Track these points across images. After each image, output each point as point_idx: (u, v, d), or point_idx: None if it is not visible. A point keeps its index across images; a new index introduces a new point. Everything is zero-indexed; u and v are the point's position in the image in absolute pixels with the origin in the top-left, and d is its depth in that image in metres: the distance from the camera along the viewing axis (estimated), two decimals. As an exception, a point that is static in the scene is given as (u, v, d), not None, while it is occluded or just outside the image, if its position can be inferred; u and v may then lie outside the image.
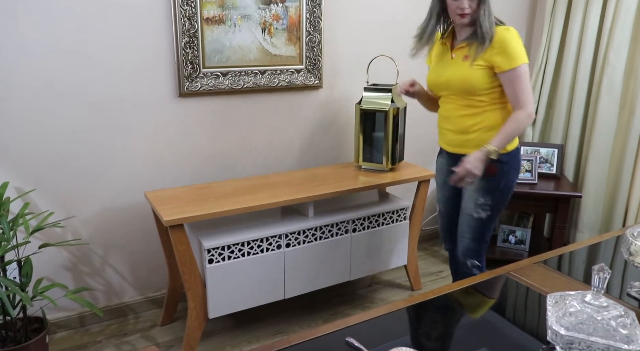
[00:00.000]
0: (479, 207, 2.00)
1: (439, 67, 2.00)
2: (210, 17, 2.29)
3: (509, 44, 1.82)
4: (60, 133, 2.13)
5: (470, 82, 1.88)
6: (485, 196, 1.97)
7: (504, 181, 1.96)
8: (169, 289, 2.39)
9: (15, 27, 1.96)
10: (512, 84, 1.85)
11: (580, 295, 1.01)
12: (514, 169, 2.00)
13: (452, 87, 1.95)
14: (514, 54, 1.82)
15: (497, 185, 1.96)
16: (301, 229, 2.27)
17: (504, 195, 2.00)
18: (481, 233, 2.05)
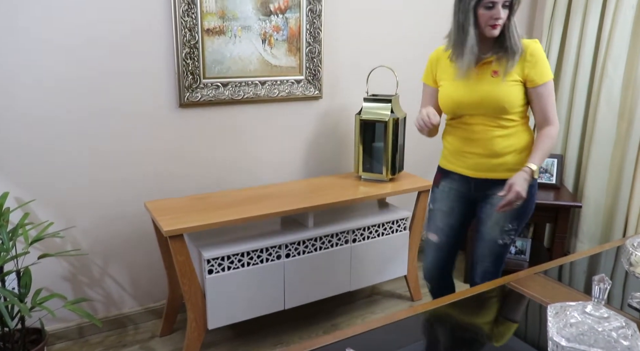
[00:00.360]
0: (505, 233, 1.87)
1: (463, 85, 1.80)
2: (211, 28, 2.30)
3: (540, 57, 1.73)
4: (61, 143, 2.14)
5: (506, 99, 1.74)
6: (513, 221, 1.85)
7: (530, 203, 1.86)
8: (169, 299, 2.38)
9: (16, 36, 1.97)
10: (542, 99, 1.75)
11: (581, 306, 1.01)
12: (536, 189, 1.90)
13: (485, 106, 1.77)
14: (545, 68, 1.74)
15: (525, 209, 1.84)
16: (301, 240, 2.27)
17: (528, 218, 1.90)
18: (502, 257, 1.93)
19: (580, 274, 1.65)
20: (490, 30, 1.70)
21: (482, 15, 1.69)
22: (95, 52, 2.12)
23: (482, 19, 1.69)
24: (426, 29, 2.85)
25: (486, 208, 1.89)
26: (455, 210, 1.96)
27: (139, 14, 2.16)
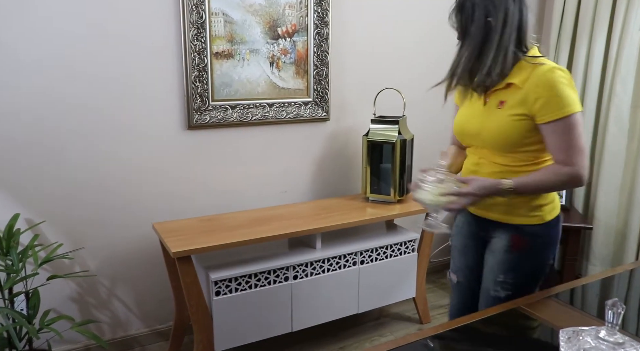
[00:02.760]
0: (498, 285, 1.59)
1: (468, 113, 1.61)
2: (220, 52, 2.33)
3: (554, 87, 1.41)
4: (70, 166, 2.16)
5: (503, 135, 1.49)
6: (507, 272, 1.57)
7: (534, 258, 1.56)
8: (175, 321, 2.37)
9: (24, 62, 2.01)
10: (550, 137, 1.45)
11: (594, 331, 1.00)
12: (551, 245, 1.58)
13: (484, 140, 1.55)
14: (560, 101, 1.41)
15: (522, 261, 1.56)
16: (309, 261, 2.26)
17: (532, 274, 1.59)
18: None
19: (592, 297, 1.62)
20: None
21: None
22: (105, 74, 2.15)
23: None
24: (433, 51, 2.87)
25: (485, 251, 1.66)
26: (470, 249, 1.71)
27: (149, 38, 2.20)
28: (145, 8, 2.16)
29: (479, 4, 1.46)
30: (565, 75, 1.44)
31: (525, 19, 1.50)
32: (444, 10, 2.94)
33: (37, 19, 1.99)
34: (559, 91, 1.41)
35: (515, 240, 1.55)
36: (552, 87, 1.42)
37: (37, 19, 1.99)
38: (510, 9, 1.46)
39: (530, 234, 1.55)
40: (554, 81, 1.42)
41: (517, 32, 1.48)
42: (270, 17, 2.41)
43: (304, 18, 2.50)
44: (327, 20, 2.55)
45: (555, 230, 1.59)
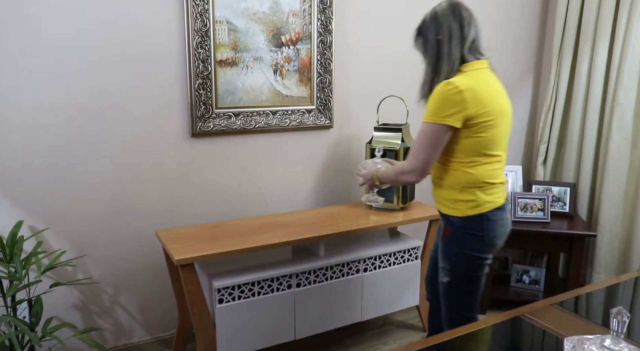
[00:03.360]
0: (441, 270, 1.84)
1: None
2: (223, 60, 2.35)
3: (430, 99, 1.71)
4: (74, 173, 2.17)
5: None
6: (444, 259, 1.82)
7: (458, 247, 1.77)
8: (178, 329, 2.36)
9: (36, 67, 2.02)
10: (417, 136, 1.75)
11: (599, 340, 0.99)
12: (475, 238, 1.74)
13: None
14: (426, 111, 1.71)
15: (450, 249, 1.79)
16: (312, 269, 2.25)
17: (461, 263, 1.77)
18: (449, 300, 1.85)
19: (597, 305, 1.61)
20: None
21: None
22: (109, 82, 2.16)
23: None
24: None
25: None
26: (437, 233, 1.99)
27: (153, 45, 2.21)
28: (150, 16, 2.18)
29: (429, 26, 1.75)
30: (450, 89, 1.64)
31: (467, 33, 1.70)
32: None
33: (41, 28, 2.00)
34: (432, 100, 1.69)
35: (445, 229, 1.81)
36: (433, 96, 1.69)
37: (40, 28, 2.00)
38: (452, 25, 1.70)
39: (453, 224, 1.77)
40: (436, 91, 1.68)
41: (461, 44, 1.70)
42: (274, 25, 2.43)
43: (307, 26, 2.51)
44: (331, 28, 2.56)
45: (478, 225, 1.74)
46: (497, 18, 3.14)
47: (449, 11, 1.70)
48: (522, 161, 3.49)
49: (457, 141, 1.70)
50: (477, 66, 1.71)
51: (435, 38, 1.71)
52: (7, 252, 1.90)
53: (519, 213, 2.87)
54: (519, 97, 3.39)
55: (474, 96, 1.63)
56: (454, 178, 1.76)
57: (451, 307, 1.87)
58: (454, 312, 1.87)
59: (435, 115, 1.66)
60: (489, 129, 1.68)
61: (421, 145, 1.70)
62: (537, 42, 3.35)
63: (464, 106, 1.62)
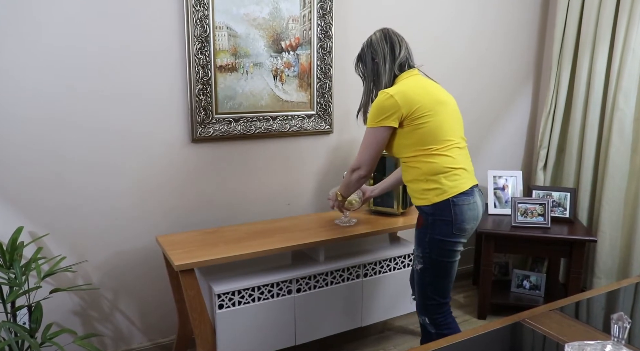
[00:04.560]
0: (415, 258, 1.99)
1: None
2: (223, 65, 2.35)
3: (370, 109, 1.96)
4: (73, 179, 2.17)
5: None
6: (417, 247, 1.97)
7: (429, 233, 1.91)
8: (178, 335, 2.36)
9: (36, 73, 2.03)
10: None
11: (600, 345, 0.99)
12: (443, 223, 1.88)
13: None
14: (368, 118, 1.97)
15: (423, 237, 1.93)
16: (312, 274, 2.25)
17: (433, 248, 1.90)
18: (422, 286, 1.98)
19: (598, 311, 1.61)
20: None
21: None
22: (109, 88, 2.17)
23: None
24: (435, 64, 2.89)
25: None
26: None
27: (153, 51, 2.22)
28: (150, 22, 2.19)
29: (366, 52, 2.03)
30: (383, 97, 1.89)
31: (397, 53, 1.98)
32: (446, 25, 2.99)
33: (40, 34, 2.01)
34: (372, 109, 1.94)
35: (418, 219, 1.97)
36: (372, 106, 1.95)
37: (40, 34, 2.01)
38: (385, 48, 1.99)
39: (424, 212, 1.92)
40: (374, 102, 1.95)
41: (392, 63, 1.98)
42: (274, 31, 2.43)
43: (307, 31, 2.52)
44: (331, 33, 2.57)
45: (444, 211, 1.88)
46: (497, 23, 3.15)
47: (381, 37, 1.99)
48: (522, 166, 3.49)
49: (407, 137, 1.90)
50: (407, 75, 1.98)
51: (373, 61, 2.00)
52: (7, 258, 1.90)
53: (519, 218, 2.87)
54: (518, 102, 3.40)
55: (404, 97, 1.87)
56: (417, 171, 1.92)
57: (425, 293, 1.98)
58: (427, 298, 1.98)
59: (374, 120, 1.91)
60: (429, 118, 1.87)
61: (365, 146, 1.97)
62: (536, 47, 3.36)
63: (397, 107, 1.86)
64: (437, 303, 1.98)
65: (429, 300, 1.98)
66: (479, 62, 3.15)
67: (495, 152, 3.37)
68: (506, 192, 3.12)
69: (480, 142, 3.27)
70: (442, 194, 1.88)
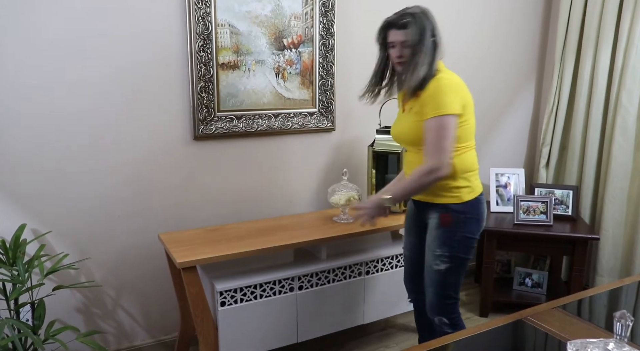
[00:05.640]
0: (437, 258, 1.90)
1: (397, 119, 2.02)
2: (226, 63, 2.35)
3: (434, 92, 1.77)
4: (76, 176, 2.17)
5: (410, 133, 1.88)
6: (441, 246, 1.88)
7: (460, 231, 1.87)
8: (180, 332, 2.36)
9: (38, 71, 2.03)
10: (425, 134, 1.79)
11: (603, 343, 0.99)
12: (473, 220, 1.89)
13: (402, 139, 1.98)
14: (434, 104, 1.76)
15: (452, 236, 1.87)
16: (314, 272, 2.25)
17: (462, 246, 1.88)
18: (443, 286, 1.93)
19: (600, 309, 1.61)
20: (397, 67, 1.89)
21: (390, 55, 1.88)
22: (112, 85, 2.17)
23: (391, 58, 1.89)
24: (438, 61, 2.88)
25: (425, 232, 1.98)
26: (413, 229, 2.08)
27: (155, 49, 2.22)
28: (152, 19, 2.19)
29: (425, 25, 1.80)
30: (446, 82, 1.78)
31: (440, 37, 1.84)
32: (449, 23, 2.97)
33: (42, 32, 2.01)
34: (436, 95, 1.76)
35: (443, 217, 1.87)
36: (432, 93, 1.77)
37: (41, 32, 2.01)
38: (437, 28, 1.83)
39: (453, 211, 1.86)
40: (433, 88, 1.78)
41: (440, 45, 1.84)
42: (276, 28, 2.43)
43: (309, 29, 2.51)
44: (333, 31, 2.56)
45: (475, 209, 1.89)
46: (500, 20, 3.14)
47: (431, 16, 1.84)
48: (524, 163, 3.49)
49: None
50: (443, 65, 1.89)
51: (431, 39, 1.81)
52: (10, 255, 1.90)
53: (522, 216, 2.87)
54: (521, 100, 3.39)
55: (463, 87, 1.83)
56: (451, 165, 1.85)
57: (445, 293, 1.95)
58: (447, 297, 1.95)
59: (447, 107, 1.76)
60: (471, 117, 1.87)
61: (442, 138, 1.76)
62: (539, 45, 3.35)
63: (462, 94, 1.81)
64: (454, 301, 1.97)
65: (449, 299, 1.95)
66: (481, 61, 3.15)
67: (498, 150, 3.36)
68: (508, 190, 3.12)
69: (482, 140, 3.26)
70: (472, 192, 1.89)
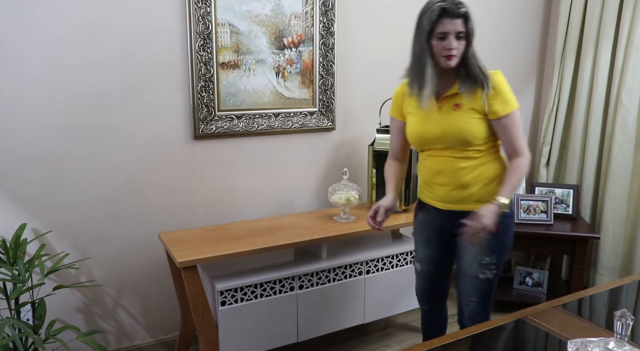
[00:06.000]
0: (485, 267, 1.80)
1: (427, 119, 1.78)
2: (226, 62, 2.35)
3: (502, 88, 1.70)
4: (76, 175, 2.17)
5: (467, 132, 1.71)
6: (491, 254, 1.79)
7: (506, 235, 1.81)
8: (181, 331, 2.36)
9: (38, 70, 2.03)
10: (507, 130, 1.71)
11: (603, 342, 0.99)
12: (513, 221, 1.86)
13: (448, 140, 1.75)
14: (508, 99, 1.70)
15: (502, 241, 1.79)
16: (314, 271, 2.25)
17: (507, 250, 1.85)
18: (489, 293, 1.86)
19: (601, 308, 1.61)
20: (445, 61, 1.67)
21: (435, 46, 1.66)
22: (111, 85, 2.17)
23: (436, 50, 1.67)
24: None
25: (461, 241, 1.79)
26: (432, 242, 1.93)
27: (155, 48, 2.22)
28: (152, 18, 2.19)
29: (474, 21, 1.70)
30: (504, 77, 1.74)
31: None
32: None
33: (43, 29, 2.01)
34: (506, 91, 1.71)
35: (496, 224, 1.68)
36: (501, 88, 1.71)
37: (42, 29, 2.01)
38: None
39: (505, 216, 1.74)
40: (501, 83, 1.72)
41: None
42: (276, 28, 2.43)
43: (309, 28, 2.51)
44: (333, 30, 2.56)
45: (512, 211, 1.87)
46: (500, 19, 3.14)
47: None
48: (524, 162, 3.48)
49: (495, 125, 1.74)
50: None
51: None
52: (10, 255, 1.90)
53: (522, 215, 2.86)
54: (521, 99, 3.37)
55: None
56: (499, 167, 1.78)
57: (489, 301, 1.89)
58: (490, 302, 1.89)
59: (515, 101, 1.73)
60: None
61: (521, 134, 1.74)
62: (539, 43, 3.35)
63: None
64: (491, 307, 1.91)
65: (491, 303, 1.90)
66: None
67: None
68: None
69: (482, 139, 3.26)
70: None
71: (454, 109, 1.73)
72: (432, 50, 1.67)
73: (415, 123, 1.82)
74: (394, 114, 1.95)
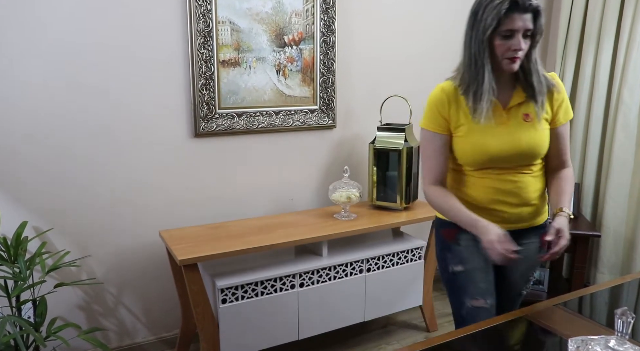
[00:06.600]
0: (527, 282, 1.72)
1: (486, 133, 1.51)
2: (226, 60, 2.35)
3: (565, 93, 1.56)
4: (77, 174, 2.17)
5: (544, 146, 1.54)
6: (536, 269, 1.73)
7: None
8: (182, 329, 2.37)
9: (39, 68, 2.03)
10: (562, 139, 1.56)
11: (604, 340, 0.99)
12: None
13: (522, 157, 1.53)
14: (569, 106, 1.57)
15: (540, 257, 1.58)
16: (315, 269, 2.25)
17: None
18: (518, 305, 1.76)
19: (601, 306, 1.60)
20: (508, 64, 1.44)
21: (498, 46, 1.43)
22: (112, 83, 2.17)
23: (498, 51, 1.43)
24: (439, 58, 2.88)
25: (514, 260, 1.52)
26: (490, 265, 1.61)
27: (156, 46, 2.22)
28: (152, 16, 2.18)
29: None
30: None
31: None
32: (451, 19, 2.96)
33: (42, 29, 2.01)
34: (567, 97, 1.59)
35: (543, 238, 1.48)
36: (564, 93, 1.58)
37: (42, 29, 2.01)
38: None
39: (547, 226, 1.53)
40: (563, 87, 1.59)
41: None
42: (276, 26, 2.43)
43: (310, 26, 2.51)
44: (334, 28, 2.56)
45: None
46: (501, 17, 3.13)
47: None
48: (525, 160, 3.48)
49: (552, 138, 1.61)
50: None
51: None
52: (11, 253, 1.91)
53: (523, 213, 2.86)
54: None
55: None
56: (544, 180, 1.63)
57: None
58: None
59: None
60: None
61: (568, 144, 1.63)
62: (541, 41, 3.33)
63: None
64: None
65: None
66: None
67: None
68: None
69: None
70: None
71: (525, 120, 1.51)
72: (494, 50, 1.44)
73: (474, 138, 1.52)
74: (436, 128, 1.58)
